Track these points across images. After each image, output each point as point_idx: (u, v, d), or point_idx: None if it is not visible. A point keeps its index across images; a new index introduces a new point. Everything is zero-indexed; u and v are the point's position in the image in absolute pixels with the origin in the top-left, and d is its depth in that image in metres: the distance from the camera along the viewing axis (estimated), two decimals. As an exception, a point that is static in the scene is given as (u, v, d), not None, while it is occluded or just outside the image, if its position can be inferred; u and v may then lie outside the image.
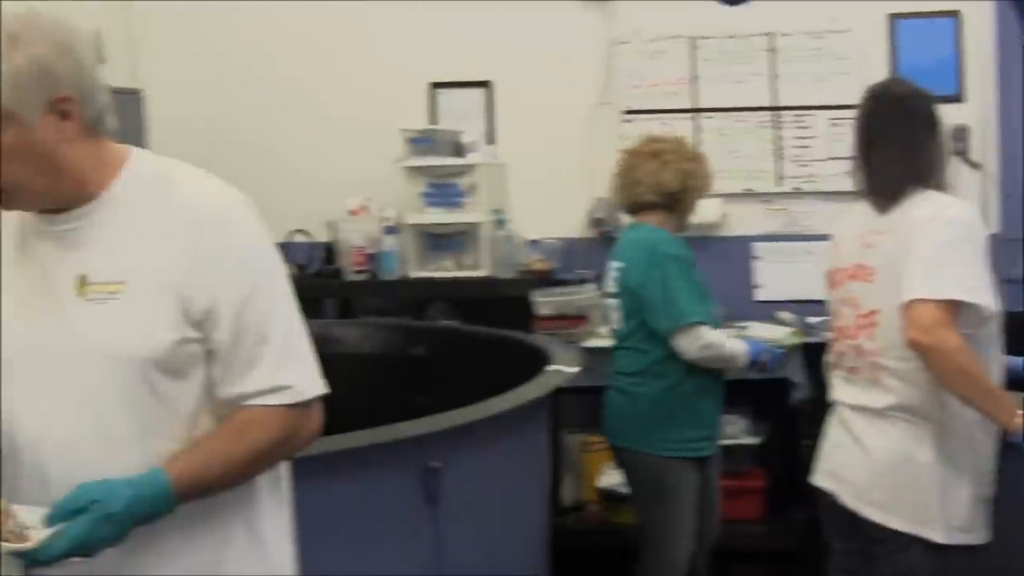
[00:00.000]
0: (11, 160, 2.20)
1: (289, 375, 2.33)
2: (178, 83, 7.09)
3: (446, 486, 3.71)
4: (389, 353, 5.45)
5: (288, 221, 6.59)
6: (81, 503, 2.13)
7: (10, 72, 2.16)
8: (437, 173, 6.44)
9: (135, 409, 2.28)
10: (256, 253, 2.34)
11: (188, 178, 2.37)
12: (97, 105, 2.29)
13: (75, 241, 2.31)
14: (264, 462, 2.37)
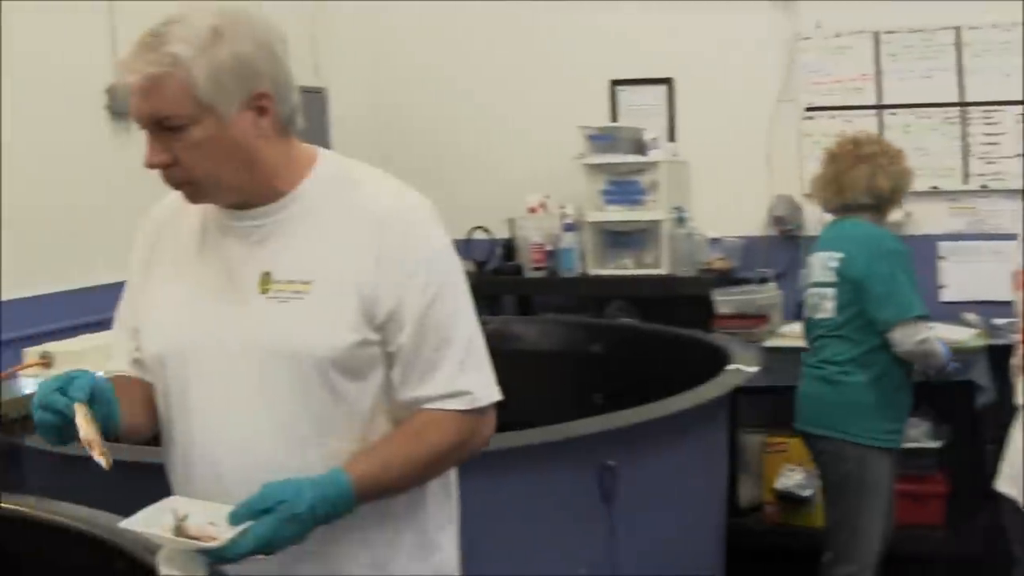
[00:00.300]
0: (205, 152, 2.24)
1: (468, 381, 2.34)
2: (360, 82, 7.21)
3: (622, 485, 3.70)
4: (567, 350, 5.46)
5: (468, 218, 6.65)
6: (268, 503, 2.15)
7: (212, 66, 2.19)
8: (618, 170, 6.43)
9: (314, 408, 2.31)
10: (439, 257, 2.35)
11: (372, 180, 2.40)
12: (291, 104, 2.33)
13: (261, 239, 2.34)
14: (440, 466, 2.39)
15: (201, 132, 2.22)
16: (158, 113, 2.22)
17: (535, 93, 6.93)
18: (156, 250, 2.49)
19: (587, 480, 3.70)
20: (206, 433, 2.35)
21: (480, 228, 6.75)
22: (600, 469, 3.69)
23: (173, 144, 2.24)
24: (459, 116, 7.08)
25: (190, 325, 2.37)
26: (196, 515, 2.18)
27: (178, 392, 2.40)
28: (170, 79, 2.19)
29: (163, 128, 2.24)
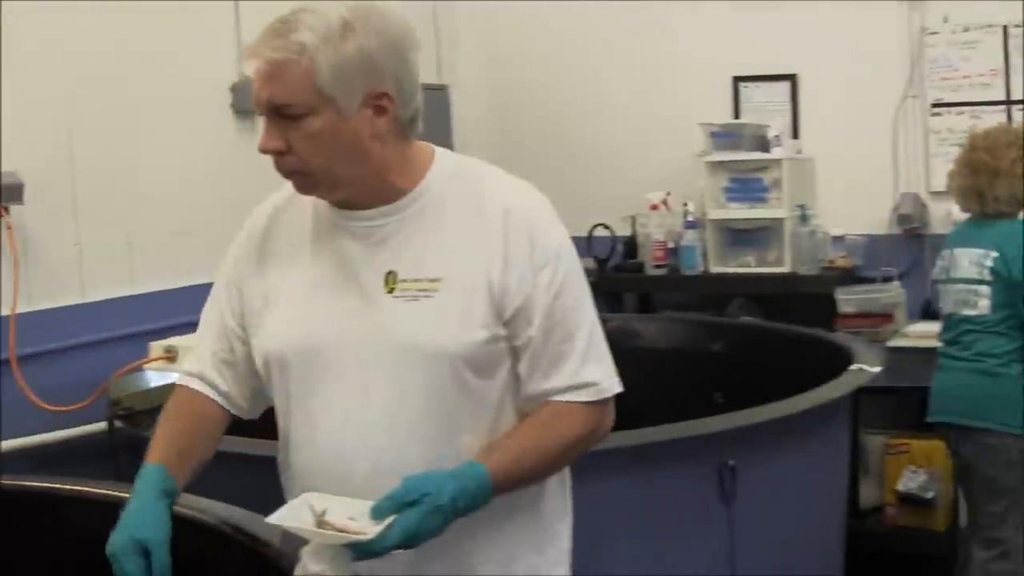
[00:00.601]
0: (320, 144, 2.25)
1: (593, 372, 2.35)
2: (482, 79, 7.24)
3: (742, 484, 3.68)
4: (688, 348, 5.44)
5: (590, 215, 6.64)
6: (413, 495, 2.16)
7: (338, 57, 2.20)
8: (740, 168, 6.38)
9: (444, 406, 2.32)
10: (563, 251, 2.36)
11: (496, 179, 2.41)
12: (412, 107, 2.33)
13: (382, 238, 2.35)
14: (568, 456, 2.40)
15: (318, 123, 2.23)
16: (278, 99, 2.24)
17: (657, 90, 6.90)
18: (265, 249, 2.49)
19: (707, 479, 3.69)
20: (334, 432, 2.35)
21: (601, 225, 6.73)
22: (720, 468, 3.68)
23: (289, 132, 2.25)
24: (581, 113, 7.07)
25: (313, 325, 2.37)
26: (334, 510, 2.19)
27: (301, 392, 2.40)
28: (294, 66, 2.20)
29: (281, 115, 2.25)
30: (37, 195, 4.67)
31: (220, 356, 2.51)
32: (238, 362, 2.51)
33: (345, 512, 2.19)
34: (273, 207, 2.52)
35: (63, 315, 4.86)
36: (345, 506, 2.21)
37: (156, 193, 5.25)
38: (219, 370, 2.51)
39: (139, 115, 5.18)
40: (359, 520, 2.17)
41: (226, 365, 2.51)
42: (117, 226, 5.11)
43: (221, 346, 2.52)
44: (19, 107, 4.70)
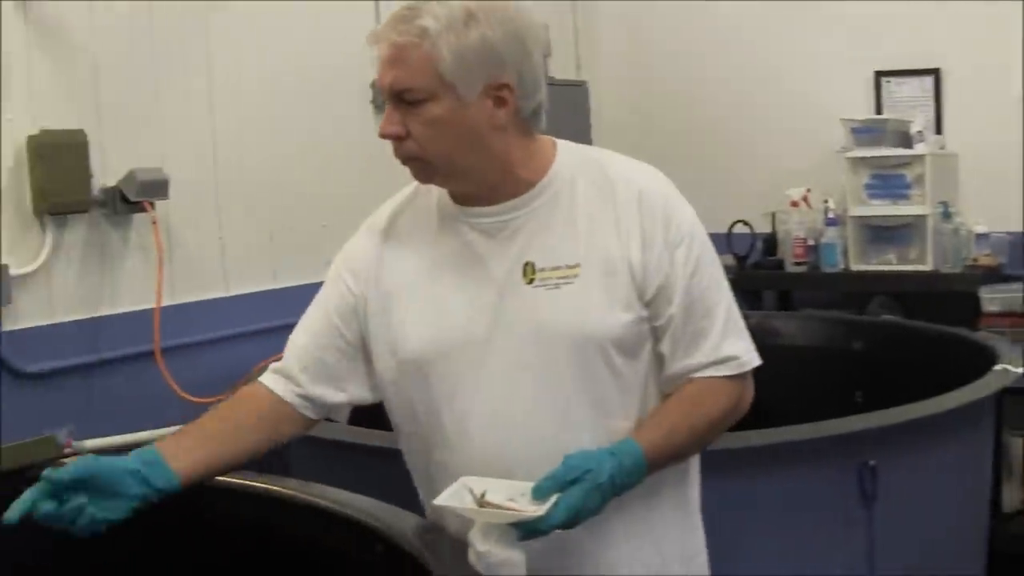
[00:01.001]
0: (439, 131, 2.27)
1: (733, 346, 2.37)
2: (620, 75, 7.23)
3: (883, 485, 3.63)
4: (828, 347, 5.37)
5: (729, 212, 6.59)
6: (575, 473, 2.17)
7: (459, 45, 2.21)
8: (882, 164, 6.29)
9: (594, 390, 2.34)
10: (695, 229, 2.38)
11: (621, 163, 2.43)
12: (535, 100, 2.33)
13: (513, 231, 2.36)
14: (714, 432, 2.42)
15: (438, 109, 2.25)
16: (399, 84, 2.26)
17: (797, 85, 6.84)
18: (383, 255, 2.49)
19: (847, 479, 3.64)
20: (486, 427, 2.36)
21: (741, 222, 6.68)
22: (860, 468, 3.63)
23: (409, 118, 2.27)
24: (720, 109, 7.04)
25: (450, 324, 2.38)
26: (493, 492, 2.22)
27: (442, 392, 2.40)
28: (415, 50, 2.22)
29: (402, 100, 2.27)
30: (182, 190, 4.76)
31: (316, 355, 2.51)
32: (331, 364, 2.50)
33: (503, 493, 2.21)
34: (392, 210, 2.55)
35: (206, 308, 4.95)
36: (503, 487, 2.23)
37: (297, 188, 5.33)
38: (309, 371, 2.50)
39: (281, 111, 5.27)
40: (519, 501, 2.19)
41: (321, 366, 2.50)
42: (260, 221, 5.20)
43: (319, 346, 2.51)
44: (165, 105, 4.80)
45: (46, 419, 4.06)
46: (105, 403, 4.57)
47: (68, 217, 4.48)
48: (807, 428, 3.66)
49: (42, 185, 4.34)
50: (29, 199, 4.36)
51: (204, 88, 4.97)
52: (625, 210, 2.33)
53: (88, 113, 4.54)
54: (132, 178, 4.56)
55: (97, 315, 4.60)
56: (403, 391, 2.46)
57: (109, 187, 4.57)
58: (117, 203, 4.57)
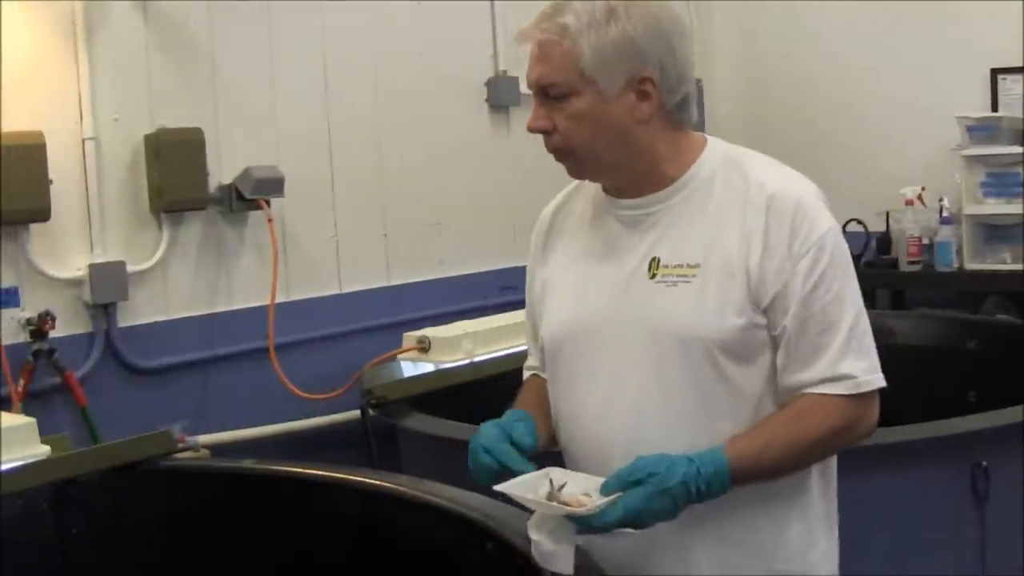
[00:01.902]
0: (582, 124, 2.30)
1: (852, 365, 2.31)
2: (737, 73, 7.21)
3: (995, 485, 3.59)
4: (942, 346, 5.31)
5: (843, 211, 6.45)
6: (639, 475, 2.17)
7: (599, 41, 2.25)
8: (997, 162, 6.20)
9: (701, 391, 2.33)
10: (826, 241, 2.33)
11: (762, 165, 2.40)
12: (679, 94, 2.35)
13: (651, 224, 2.39)
14: (821, 451, 2.37)
15: (581, 104, 2.29)
16: (544, 79, 2.30)
17: (911, 82, 6.77)
18: (548, 242, 2.57)
19: (960, 479, 3.61)
20: (595, 415, 2.40)
21: (855, 220, 6.62)
22: (973, 469, 3.59)
23: (555, 112, 2.31)
24: (834, 107, 6.99)
25: (581, 309, 2.43)
26: (572, 485, 2.21)
27: (567, 375, 2.46)
28: (558, 47, 2.27)
29: (548, 96, 2.31)
30: (297, 188, 4.82)
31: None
32: None
33: (583, 488, 2.21)
34: (556, 203, 2.61)
35: (320, 305, 5.00)
36: (586, 482, 2.22)
37: (411, 186, 5.37)
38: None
39: (396, 110, 5.31)
40: (593, 495, 2.18)
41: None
42: (373, 218, 5.24)
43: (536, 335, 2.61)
44: (281, 104, 4.85)
45: (161, 414, 4.12)
46: (220, 399, 4.63)
47: (184, 214, 4.55)
48: (920, 428, 3.64)
49: (159, 183, 4.41)
50: (146, 196, 4.43)
51: (319, 87, 5.03)
52: (753, 214, 2.31)
53: (205, 111, 4.61)
54: (248, 176, 4.62)
55: (212, 311, 4.66)
56: (548, 370, 2.53)
57: (225, 184, 4.64)
58: (233, 200, 4.63)
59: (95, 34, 4.29)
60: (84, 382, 4.25)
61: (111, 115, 4.36)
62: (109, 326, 4.34)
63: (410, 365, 4.78)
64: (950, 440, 3.63)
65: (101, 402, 4.27)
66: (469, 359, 4.77)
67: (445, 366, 4.70)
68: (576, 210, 2.53)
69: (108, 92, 4.34)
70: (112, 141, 4.37)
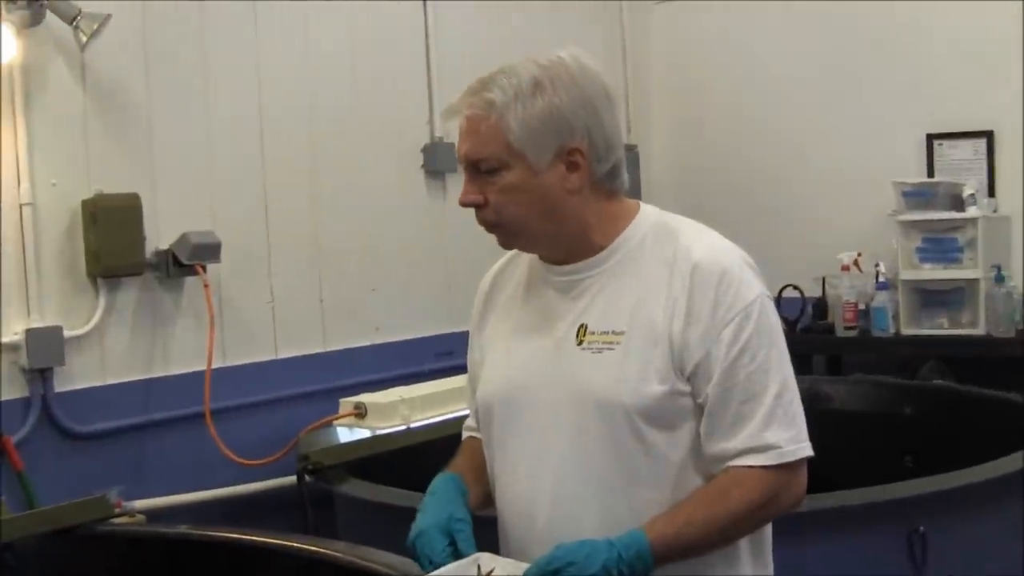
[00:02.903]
0: (515, 198, 2.32)
1: (775, 435, 2.30)
2: (673, 140, 7.27)
3: (933, 551, 3.60)
4: (878, 411, 5.34)
5: (780, 276, 6.55)
6: (557, 564, 2.17)
7: (526, 115, 2.27)
8: (934, 227, 6.27)
9: (624, 459, 2.33)
10: (752, 310, 2.33)
11: (691, 233, 2.41)
12: (609, 162, 2.37)
13: (581, 291, 2.40)
14: (745, 525, 2.36)
15: (512, 177, 2.31)
16: (473, 154, 2.33)
17: (847, 148, 6.83)
18: (488, 306, 2.59)
19: (897, 546, 3.61)
20: (522, 481, 2.42)
21: (791, 286, 6.66)
22: (911, 535, 3.60)
23: (486, 186, 2.33)
24: (770, 172, 7.05)
25: (512, 376, 2.45)
26: (499, 570, 2.23)
27: (499, 439, 2.48)
28: (485, 122, 2.29)
29: (478, 170, 2.33)
30: (234, 254, 4.80)
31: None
32: None
33: (509, 573, 2.23)
34: (498, 266, 2.63)
35: (257, 370, 4.98)
36: (511, 568, 2.24)
37: (347, 251, 5.37)
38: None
39: (333, 175, 5.32)
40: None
41: None
42: (310, 284, 5.23)
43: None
44: (218, 169, 4.85)
45: (97, 479, 4.08)
46: (156, 464, 4.59)
47: (121, 280, 4.52)
48: (857, 493, 3.64)
49: (96, 248, 4.38)
50: (83, 262, 4.40)
51: (256, 152, 5.02)
52: (678, 281, 2.32)
53: (143, 176, 4.59)
54: (185, 241, 4.60)
55: (149, 376, 4.63)
56: (483, 432, 2.56)
57: (162, 250, 4.61)
58: (170, 266, 4.61)
59: (32, 99, 4.27)
60: (20, 447, 4.20)
61: (49, 180, 4.33)
62: (46, 391, 4.30)
63: (346, 431, 4.76)
64: (887, 506, 3.64)
65: (38, 466, 4.22)
66: (405, 425, 4.77)
67: (382, 432, 4.69)
68: (515, 275, 2.55)
69: (46, 157, 4.32)
70: (49, 206, 4.34)
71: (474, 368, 2.61)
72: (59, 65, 4.36)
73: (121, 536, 3.32)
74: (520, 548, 2.38)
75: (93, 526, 3.31)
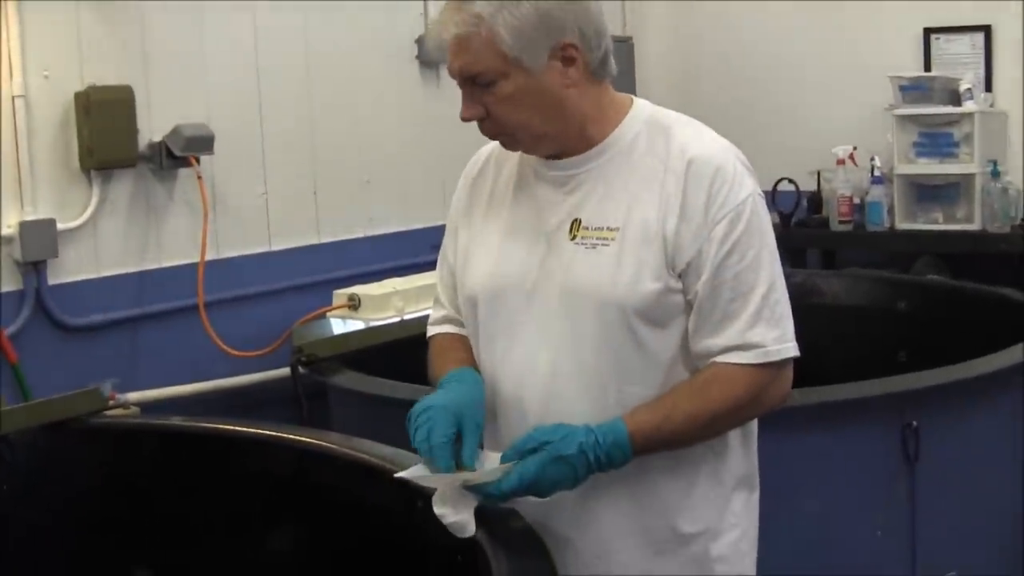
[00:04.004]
0: (517, 105, 2.29)
1: (761, 334, 2.30)
2: (666, 31, 7.21)
3: (925, 445, 3.62)
4: (872, 306, 5.35)
5: (775, 170, 6.54)
6: (533, 443, 2.21)
7: (515, 20, 2.23)
8: (930, 122, 6.25)
9: (615, 354, 2.33)
10: (744, 208, 2.31)
11: (684, 128, 2.40)
12: (600, 50, 2.34)
13: (574, 187, 2.38)
14: (727, 421, 2.36)
15: (511, 85, 2.28)
16: (468, 70, 2.29)
17: (844, 42, 6.78)
18: (474, 195, 2.56)
19: (889, 439, 3.64)
20: (512, 373, 2.41)
21: (786, 180, 6.64)
22: (903, 429, 3.62)
23: (485, 98, 2.30)
24: (766, 66, 6.99)
25: (502, 268, 2.43)
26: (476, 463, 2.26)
27: (487, 333, 2.46)
28: (476, 37, 2.25)
29: (475, 84, 2.30)
30: (227, 146, 4.78)
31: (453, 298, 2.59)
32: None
33: (489, 462, 2.26)
34: (487, 153, 2.59)
35: (250, 263, 4.97)
36: (489, 458, 2.28)
37: (341, 144, 5.34)
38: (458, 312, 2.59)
39: (326, 67, 5.28)
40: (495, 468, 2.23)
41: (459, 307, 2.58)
42: (303, 176, 5.21)
43: (452, 286, 2.59)
44: (211, 62, 4.81)
45: (91, 372, 4.09)
46: (150, 356, 4.60)
47: (114, 172, 4.50)
48: (850, 388, 3.66)
49: (89, 141, 4.36)
50: (76, 154, 4.38)
51: (249, 45, 4.98)
52: (672, 178, 2.31)
53: (136, 69, 4.55)
54: (178, 133, 4.57)
55: (142, 269, 4.62)
56: (469, 326, 2.53)
57: (155, 142, 4.58)
58: (163, 158, 4.59)
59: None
60: (14, 339, 4.20)
61: (41, 73, 4.29)
62: (39, 283, 4.29)
63: (340, 323, 4.78)
64: (879, 400, 3.66)
65: (31, 359, 4.23)
66: (399, 316, 4.78)
67: (375, 324, 4.70)
68: (503, 167, 2.52)
69: (38, 50, 4.28)
70: (42, 99, 4.30)
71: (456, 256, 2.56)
72: (51, -46, 4.32)
73: (115, 428, 3.34)
74: (510, 443, 2.39)
75: (87, 418, 3.32)
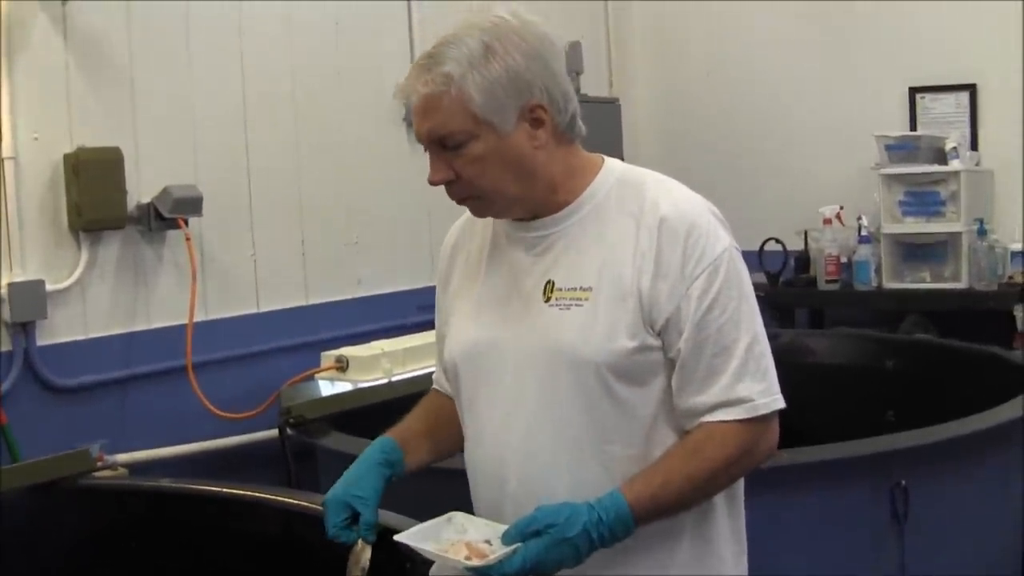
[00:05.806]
0: (487, 167, 2.28)
1: (748, 388, 2.29)
2: (653, 92, 7.25)
3: (915, 504, 3.62)
4: (860, 365, 5.36)
5: (762, 230, 6.58)
6: (538, 525, 2.16)
7: (486, 81, 2.23)
8: (916, 181, 6.27)
9: (594, 415, 2.31)
10: (721, 263, 2.30)
11: (658, 186, 2.39)
12: (568, 111, 2.34)
13: (546, 248, 2.38)
14: (721, 480, 2.34)
15: (480, 147, 2.27)
16: (438, 131, 2.28)
17: (831, 102, 6.83)
18: (453, 263, 2.56)
19: (879, 499, 3.63)
20: (491, 439, 2.39)
21: (773, 239, 6.67)
22: (892, 488, 3.62)
23: (454, 161, 2.29)
24: (754, 126, 7.03)
25: (478, 334, 2.42)
26: (473, 531, 2.23)
27: (468, 399, 2.45)
28: (446, 96, 2.24)
29: (444, 146, 2.29)
30: (215, 207, 4.79)
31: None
32: None
33: (486, 535, 2.22)
34: (462, 222, 2.59)
35: (238, 324, 4.97)
36: (486, 529, 2.24)
37: (329, 205, 5.36)
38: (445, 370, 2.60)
39: (314, 129, 5.31)
40: (494, 543, 2.19)
41: None
42: (292, 237, 5.22)
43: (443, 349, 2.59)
44: (200, 122, 4.83)
45: (80, 433, 4.08)
46: (138, 418, 4.59)
47: (103, 233, 4.50)
48: (838, 447, 3.66)
49: (78, 202, 4.36)
50: (65, 215, 4.39)
51: (238, 105, 5.00)
52: (645, 235, 2.30)
53: (124, 130, 4.57)
54: (167, 195, 4.58)
55: (131, 330, 4.62)
56: (453, 389, 2.53)
57: (144, 204, 4.60)
58: (152, 220, 4.60)
59: (15, 54, 4.24)
60: (3, 400, 4.19)
61: (31, 134, 4.31)
62: (28, 344, 4.29)
63: (328, 384, 4.77)
64: (868, 460, 3.65)
65: (20, 420, 4.21)
66: (387, 378, 4.77)
67: (363, 385, 4.70)
68: (478, 233, 2.52)
69: (28, 111, 4.30)
70: (31, 160, 4.32)
71: (441, 327, 2.58)
72: (41, 18, 4.33)
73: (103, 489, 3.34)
74: (492, 507, 2.37)
75: (75, 479, 3.32)
